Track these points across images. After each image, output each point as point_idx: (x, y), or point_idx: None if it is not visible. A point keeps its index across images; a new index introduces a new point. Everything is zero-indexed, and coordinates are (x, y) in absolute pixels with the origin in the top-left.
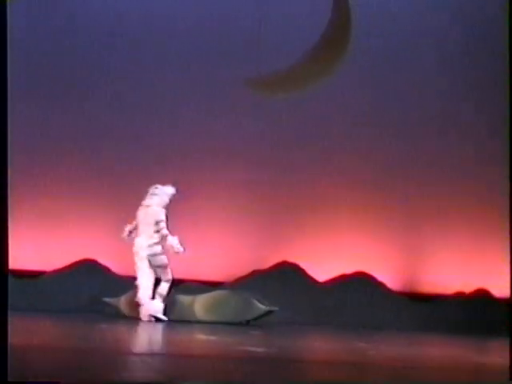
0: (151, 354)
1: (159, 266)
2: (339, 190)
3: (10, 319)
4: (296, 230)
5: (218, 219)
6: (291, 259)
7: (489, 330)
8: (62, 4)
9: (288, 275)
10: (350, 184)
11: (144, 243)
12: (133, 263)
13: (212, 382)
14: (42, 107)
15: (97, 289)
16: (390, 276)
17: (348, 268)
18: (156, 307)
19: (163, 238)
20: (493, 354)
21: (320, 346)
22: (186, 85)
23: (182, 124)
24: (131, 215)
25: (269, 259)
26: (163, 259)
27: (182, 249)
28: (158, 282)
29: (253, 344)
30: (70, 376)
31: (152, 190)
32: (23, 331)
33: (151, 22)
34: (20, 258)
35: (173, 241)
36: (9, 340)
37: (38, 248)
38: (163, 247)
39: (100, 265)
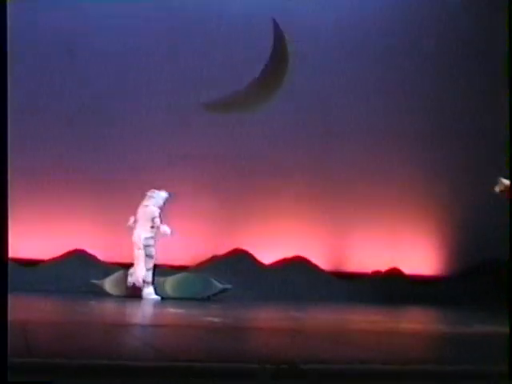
0: (132, 325)
1: (148, 255)
2: (279, 186)
3: (13, 300)
4: (246, 222)
5: (186, 216)
6: (242, 246)
7: (399, 302)
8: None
9: (240, 259)
10: (288, 180)
11: (142, 235)
12: (117, 253)
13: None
14: (40, 103)
15: (86, 273)
16: (322, 258)
17: (288, 252)
18: (148, 292)
19: (158, 229)
20: (403, 320)
21: (265, 316)
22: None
23: (156, 137)
24: (116, 213)
25: (224, 247)
26: (152, 251)
27: (168, 231)
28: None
29: (212, 315)
30: (63, 342)
31: (150, 193)
32: (25, 308)
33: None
34: (22, 248)
35: (164, 227)
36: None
37: (37, 240)
38: (155, 241)
39: (88, 254)
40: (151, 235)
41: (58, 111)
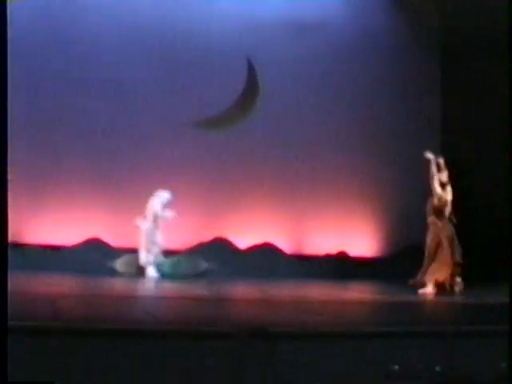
0: (136, 297)
1: (151, 242)
2: (253, 186)
3: (42, 279)
4: (226, 215)
5: (178, 210)
6: (223, 235)
7: (346, 278)
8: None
9: (221, 245)
10: (260, 181)
11: (146, 226)
12: (126, 240)
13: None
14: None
15: (100, 257)
16: (285, 244)
17: (259, 239)
18: (150, 271)
19: (162, 218)
20: (347, 292)
21: (241, 290)
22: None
23: (155, 143)
24: (126, 207)
25: (208, 235)
26: (155, 239)
27: (170, 215)
28: None
29: (200, 289)
30: (82, 311)
31: (156, 193)
32: (52, 285)
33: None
34: (49, 236)
35: (165, 213)
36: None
37: (61, 229)
38: (158, 231)
39: (102, 241)
40: (153, 225)
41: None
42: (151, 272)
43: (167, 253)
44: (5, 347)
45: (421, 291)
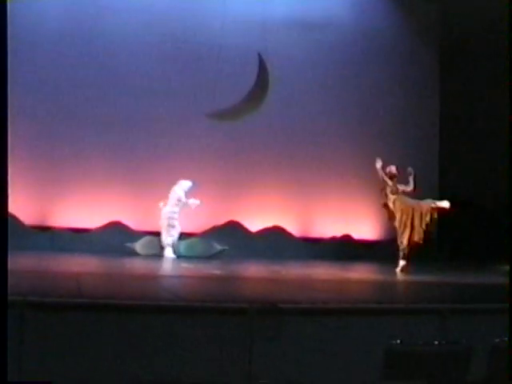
0: (155, 276)
1: (171, 226)
2: (265, 172)
3: (68, 259)
4: (239, 199)
5: (195, 196)
6: (236, 218)
7: (350, 260)
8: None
9: (233, 228)
10: (271, 167)
11: (168, 209)
12: (145, 223)
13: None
14: (81, 90)
15: (121, 239)
16: (294, 227)
17: (270, 222)
18: (168, 251)
19: (186, 204)
20: (353, 272)
21: (253, 270)
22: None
23: (172, 134)
24: (146, 192)
25: (222, 218)
26: (175, 222)
27: (197, 201)
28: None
29: (214, 269)
30: (105, 288)
31: (179, 181)
32: (77, 264)
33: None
34: (72, 219)
35: (191, 200)
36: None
37: (84, 212)
38: (178, 215)
39: (123, 224)
40: (174, 210)
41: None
42: (169, 253)
43: (184, 235)
44: (5, 347)
45: (397, 270)
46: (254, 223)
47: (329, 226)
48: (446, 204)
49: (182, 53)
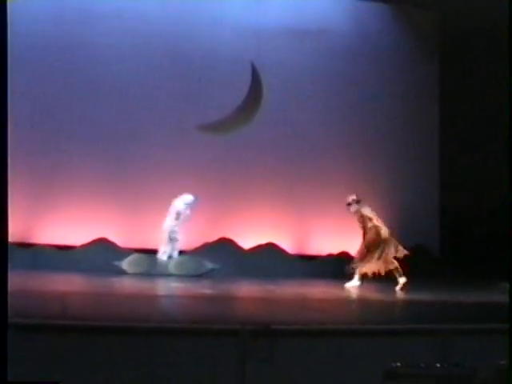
0: (143, 295)
1: (173, 239)
2: (258, 189)
3: (52, 277)
4: (231, 216)
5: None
6: (227, 235)
7: (347, 278)
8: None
9: (225, 245)
10: (265, 184)
11: (168, 224)
12: (132, 240)
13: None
14: (66, 101)
15: (108, 257)
16: (288, 244)
17: (263, 239)
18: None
19: (186, 219)
20: (352, 291)
21: (245, 289)
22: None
23: (159, 148)
24: (134, 208)
25: (213, 235)
26: (175, 236)
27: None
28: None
29: (204, 288)
30: (90, 308)
31: (181, 195)
32: (61, 283)
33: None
34: (56, 236)
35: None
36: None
37: (69, 229)
38: (178, 228)
39: (110, 241)
40: (174, 224)
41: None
42: (162, 255)
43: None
44: (5, 347)
45: (348, 285)
46: (247, 240)
47: (325, 242)
48: (403, 253)
49: (172, 62)
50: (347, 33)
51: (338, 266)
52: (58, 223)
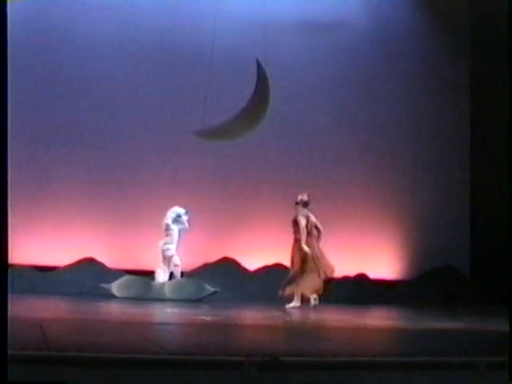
0: (135, 323)
1: (166, 257)
2: (263, 204)
3: (32, 301)
4: (234, 234)
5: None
6: (230, 255)
7: (366, 303)
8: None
9: (228, 266)
10: (270, 198)
11: (161, 243)
12: (121, 260)
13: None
14: (46, 107)
15: (95, 278)
16: None
17: (270, 260)
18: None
19: (177, 233)
20: (369, 318)
21: (250, 315)
22: (152, 133)
23: (156, 158)
24: (122, 225)
25: (214, 255)
26: (169, 253)
27: (187, 226)
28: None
29: (204, 314)
30: (75, 337)
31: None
32: (43, 308)
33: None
34: (42, 256)
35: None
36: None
37: (54, 249)
38: (172, 245)
39: (97, 261)
40: (166, 241)
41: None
42: (161, 277)
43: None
44: (5, 347)
45: (288, 307)
46: (252, 260)
47: (340, 263)
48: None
49: (168, 59)
50: (363, 25)
51: (356, 290)
52: (38, 241)
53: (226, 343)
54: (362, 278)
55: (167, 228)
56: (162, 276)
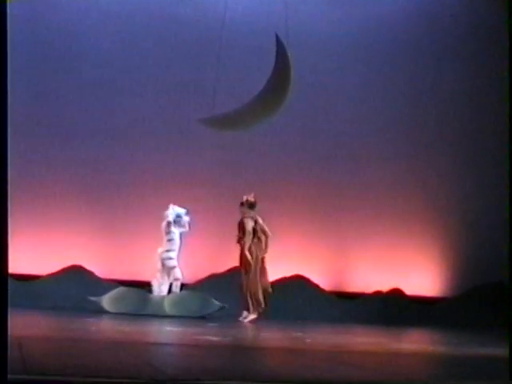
0: (129, 343)
1: (167, 267)
2: (279, 204)
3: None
4: None
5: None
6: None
7: (400, 323)
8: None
9: (238, 277)
10: (288, 197)
11: (160, 250)
12: (116, 269)
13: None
14: (38, 113)
15: (83, 290)
16: (322, 278)
17: (288, 271)
18: (158, 288)
19: (176, 237)
20: (404, 342)
21: (264, 335)
22: (154, 121)
23: (155, 153)
24: (116, 227)
25: (223, 264)
26: (170, 263)
27: (188, 228)
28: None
29: (210, 334)
30: (60, 360)
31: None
32: (20, 325)
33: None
34: (18, 263)
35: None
36: (8, 335)
37: (33, 255)
38: (173, 253)
39: (86, 270)
40: (167, 248)
41: (56, 124)
42: (160, 290)
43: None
44: (5, 346)
45: (244, 319)
46: (268, 271)
47: (371, 276)
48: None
49: (172, 36)
50: None
51: (388, 308)
52: (15, 245)
53: (236, 368)
54: (396, 294)
55: (168, 231)
56: (160, 288)
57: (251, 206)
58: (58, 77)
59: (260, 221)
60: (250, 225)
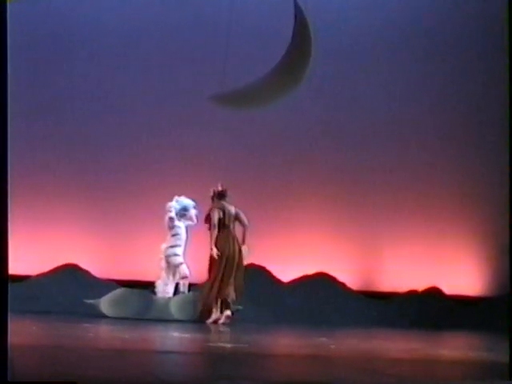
0: (131, 351)
1: (171, 265)
2: (300, 195)
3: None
4: (263, 234)
5: (193, 227)
6: (258, 262)
7: (439, 326)
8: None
9: (255, 276)
10: (311, 187)
11: (164, 246)
12: (113, 269)
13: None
14: (39, 111)
15: (78, 291)
16: (349, 276)
17: (310, 268)
18: (163, 289)
19: (182, 231)
20: (444, 347)
21: (283, 341)
22: (160, 100)
23: (156, 134)
24: (113, 224)
25: None
26: (175, 260)
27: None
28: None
29: (223, 340)
30: (53, 369)
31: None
32: (10, 330)
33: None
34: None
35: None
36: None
37: (23, 254)
38: (178, 249)
39: (81, 269)
40: (171, 244)
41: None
42: (165, 291)
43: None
44: (5, 346)
45: (210, 321)
46: (287, 269)
47: (404, 274)
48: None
49: (178, 10)
50: None
51: (425, 309)
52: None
53: (254, 376)
54: (434, 294)
55: (171, 225)
56: (164, 289)
57: (220, 195)
58: (58, 75)
59: (233, 210)
60: (215, 217)
